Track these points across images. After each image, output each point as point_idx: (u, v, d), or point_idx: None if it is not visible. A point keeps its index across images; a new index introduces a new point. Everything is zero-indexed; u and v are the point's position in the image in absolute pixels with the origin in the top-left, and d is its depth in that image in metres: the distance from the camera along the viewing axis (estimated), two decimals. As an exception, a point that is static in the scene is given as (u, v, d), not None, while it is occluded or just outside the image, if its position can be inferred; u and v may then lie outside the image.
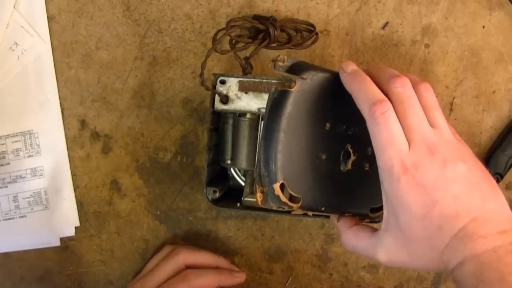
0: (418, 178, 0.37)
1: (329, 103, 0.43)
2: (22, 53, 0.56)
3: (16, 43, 0.56)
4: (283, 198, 0.41)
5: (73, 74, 0.57)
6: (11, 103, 0.57)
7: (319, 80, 0.43)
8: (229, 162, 0.49)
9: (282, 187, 0.41)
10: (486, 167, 0.53)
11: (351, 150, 0.45)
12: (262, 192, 0.41)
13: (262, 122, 0.44)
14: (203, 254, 0.55)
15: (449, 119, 0.55)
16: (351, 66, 0.42)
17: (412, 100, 0.39)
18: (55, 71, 0.57)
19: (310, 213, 0.44)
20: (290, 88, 0.41)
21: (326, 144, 0.43)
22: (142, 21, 0.56)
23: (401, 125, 0.38)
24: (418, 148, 0.37)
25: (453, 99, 0.55)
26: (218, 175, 0.53)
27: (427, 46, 0.54)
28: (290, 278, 0.58)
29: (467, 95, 0.55)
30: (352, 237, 0.43)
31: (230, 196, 0.52)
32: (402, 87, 0.39)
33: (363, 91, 0.40)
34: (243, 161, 0.49)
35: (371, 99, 0.38)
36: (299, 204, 0.42)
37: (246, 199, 0.49)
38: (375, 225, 0.45)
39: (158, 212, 0.58)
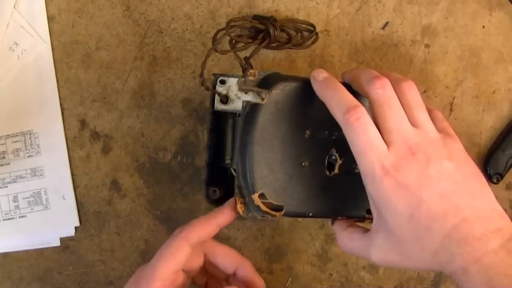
0: (401, 179, 0.36)
1: (307, 111, 0.44)
2: (22, 53, 0.56)
3: (16, 43, 0.56)
4: (264, 208, 0.42)
5: (73, 74, 0.57)
6: (11, 103, 0.57)
7: (292, 90, 0.43)
8: (229, 162, 0.49)
9: (262, 197, 0.42)
10: (486, 167, 0.54)
11: (336, 155, 0.45)
12: (243, 203, 0.43)
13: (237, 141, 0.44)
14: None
15: (449, 119, 0.55)
16: (322, 74, 0.42)
17: (391, 102, 0.39)
18: (55, 71, 0.57)
19: (299, 219, 0.45)
20: (261, 101, 0.42)
21: (307, 151, 0.44)
22: (142, 21, 0.56)
23: (381, 127, 0.38)
24: (398, 149, 0.37)
25: (453, 99, 0.55)
26: (218, 175, 0.53)
27: (427, 46, 0.54)
28: (290, 278, 0.58)
29: (467, 95, 0.55)
30: (347, 239, 0.43)
31: (230, 196, 0.52)
32: (381, 88, 0.39)
33: (335, 99, 0.40)
34: (243, 161, 0.49)
35: (344, 106, 0.38)
36: (282, 212, 0.43)
37: (246, 199, 0.49)
38: (369, 226, 0.45)
39: (158, 212, 0.58)
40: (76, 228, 0.58)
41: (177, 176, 0.57)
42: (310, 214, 0.44)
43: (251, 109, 0.43)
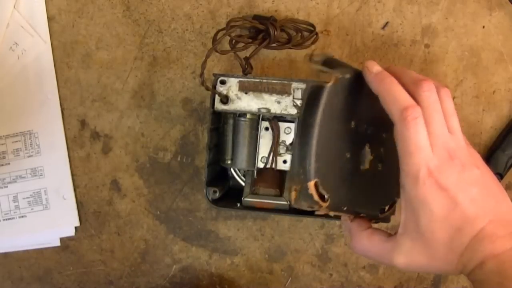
0: (442, 182, 0.38)
1: (354, 101, 0.43)
2: (22, 53, 0.56)
3: (16, 43, 0.56)
4: (316, 197, 0.40)
5: (73, 74, 0.57)
6: (11, 103, 0.57)
7: (349, 77, 0.42)
8: (229, 162, 0.49)
9: (315, 185, 0.40)
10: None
11: (369, 150, 0.44)
12: (295, 190, 0.40)
13: (298, 123, 0.42)
14: None
15: (449, 119, 0.55)
16: (376, 67, 0.42)
17: (437, 106, 0.40)
18: (55, 71, 0.57)
19: (331, 213, 0.43)
20: (326, 82, 0.40)
21: (350, 143, 0.43)
22: (142, 21, 0.56)
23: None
24: (440, 153, 0.38)
25: (453, 99, 0.55)
26: (218, 175, 0.53)
27: (427, 46, 0.54)
28: (290, 278, 0.58)
29: (467, 95, 0.55)
30: (366, 240, 0.43)
31: (230, 196, 0.52)
32: (429, 91, 0.40)
33: (393, 94, 0.40)
34: (243, 162, 0.49)
35: (403, 104, 0.39)
36: (327, 204, 0.41)
37: (246, 199, 0.49)
38: (375, 225, 0.45)
39: (158, 212, 0.58)
40: (76, 228, 0.58)
41: (177, 176, 0.57)
42: (345, 209, 0.43)
43: (315, 91, 0.40)
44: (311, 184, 0.40)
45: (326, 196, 0.40)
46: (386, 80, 0.41)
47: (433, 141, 0.38)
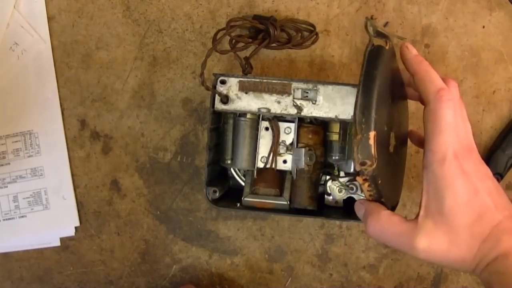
0: (465, 167, 0.39)
1: (393, 80, 0.43)
2: (22, 53, 0.56)
3: (16, 43, 0.56)
4: (373, 150, 0.39)
5: (73, 74, 0.57)
6: (11, 103, 0.57)
7: (393, 53, 0.42)
8: (229, 162, 0.49)
9: (374, 138, 0.39)
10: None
11: (393, 136, 0.44)
12: (357, 139, 0.39)
13: (361, 75, 0.41)
14: None
15: (449, 119, 0.55)
16: (415, 50, 0.44)
17: (459, 102, 0.42)
18: (55, 71, 0.57)
19: (365, 185, 0.41)
20: (385, 46, 0.41)
21: (388, 118, 0.42)
22: (142, 21, 0.56)
23: None
24: (462, 143, 0.40)
25: (453, 99, 0.55)
26: (218, 175, 0.53)
27: (427, 46, 0.54)
28: (290, 278, 0.58)
29: (467, 95, 0.55)
30: (385, 220, 0.41)
31: (230, 196, 0.52)
32: (455, 88, 0.42)
33: (430, 75, 0.42)
34: (243, 161, 0.49)
35: (440, 84, 0.41)
36: (375, 166, 0.39)
37: (246, 199, 0.49)
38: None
39: (158, 212, 0.58)
40: (76, 228, 0.58)
41: (177, 176, 0.57)
42: (379, 182, 0.41)
43: (375, 50, 0.41)
44: (372, 134, 0.39)
45: (376, 157, 0.39)
46: (424, 63, 0.43)
47: (456, 131, 0.40)
